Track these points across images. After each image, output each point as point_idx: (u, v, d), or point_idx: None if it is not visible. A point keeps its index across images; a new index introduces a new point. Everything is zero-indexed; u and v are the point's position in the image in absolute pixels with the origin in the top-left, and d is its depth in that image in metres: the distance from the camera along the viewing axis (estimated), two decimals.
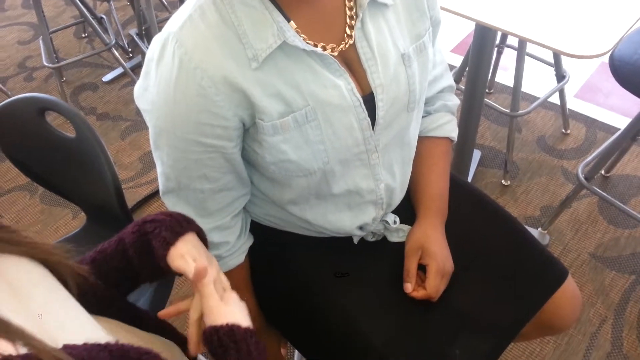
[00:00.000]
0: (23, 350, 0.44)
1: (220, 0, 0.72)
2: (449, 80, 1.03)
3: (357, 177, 0.87)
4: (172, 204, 0.85)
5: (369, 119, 0.82)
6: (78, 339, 0.50)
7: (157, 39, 0.75)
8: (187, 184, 0.81)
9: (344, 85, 0.78)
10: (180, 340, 0.76)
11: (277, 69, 0.74)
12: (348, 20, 0.79)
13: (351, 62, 0.80)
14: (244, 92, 0.73)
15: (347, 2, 0.78)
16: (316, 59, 0.76)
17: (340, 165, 0.84)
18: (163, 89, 0.73)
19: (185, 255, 0.70)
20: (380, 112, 0.83)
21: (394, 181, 0.93)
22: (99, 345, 0.50)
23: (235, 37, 0.72)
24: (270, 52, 0.72)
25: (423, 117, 1.02)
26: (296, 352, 1.53)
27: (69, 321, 0.54)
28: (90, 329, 0.56)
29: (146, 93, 0.77)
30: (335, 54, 0.79)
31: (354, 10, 0.79)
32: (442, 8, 1.27)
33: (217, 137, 0.76)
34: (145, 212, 1.98)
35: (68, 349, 0.47)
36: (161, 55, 0.73)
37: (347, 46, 0.79)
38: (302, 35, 0.75)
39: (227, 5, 0.72)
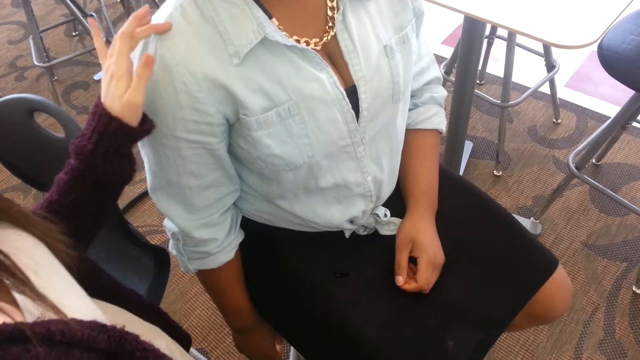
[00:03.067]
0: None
1: None
2: (435, 72, 1.04)
3: (344, 170, 0.88)
4: (160, 201, 0.86)
5: (352, 111, 0.82)
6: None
7: None
8: (173, 180, 0.82)
9: (326, 79, 0.78)
10: (169, 326, 0.76)
11: (259, 65, 0.74)
12: (329, 13, 0.79)
13: (333, 55, 0.81)
14: (227, 88, 0.73)
15: None
16: (298, 53, 0.76)
17: (326, 159, 0.84)
18: (147, 87, 0.74)
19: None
20: (363, 105, 0.83)
21: (382, 173, 0.93)
22: (102, 326, 0.51)
23: (216, 34, 0.72)
24: (252, 48, 0.73)
25: (410, 109, 1.03)
26: (292, 348, 1.54)
27: (69, 302, 0.54)
28: (93, 312, 0.56)
29: None
30: (318, 48, 0.79)
31: (335, 3, 0.79)
32: (431, 1, 1.27)
33: (202, 133, 0.76)
34: (139, 210, 1.99)
35: (75, 322, 0.48)
36: (143, 53, 0.74)
37: (328, 39, 0.80)
38: (283, 30, 0.76)
39: (207, 2, 0.72)
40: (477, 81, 2.31)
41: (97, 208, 0.78)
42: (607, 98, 2.23)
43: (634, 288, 1.65)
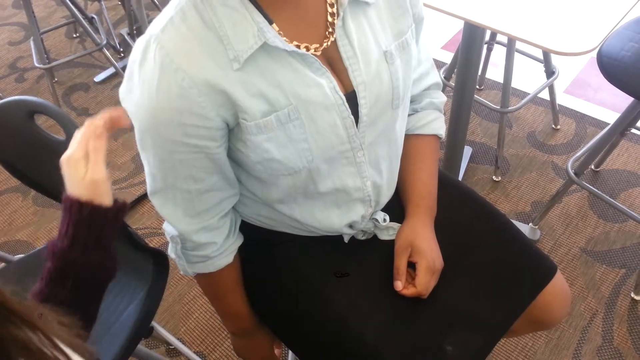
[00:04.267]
0: None
1: (201, 2, 0.72)
2: (435, 77, 1.04)
3: (343, 175, 0.88)
4: (160, 205, 0.86)
5: (352, 117, 0.82)
6: None
7: (140, 41, 0.75)
8: (173, 184, 0.82)
9: (326, 84, 0.79)
10: None
11: (259, 69, 0.75)
12: (329, 18, 0.80)
13: (333, 61, 0.81)
14: (226, 93, 0.74)
15: (328, 0, 0.79)
16: (298, 59, 0.77)
17: (325, 164, 0.84)
18: (146, 91, 0.74)
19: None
20: (363, 110, 0.83)
21: (381, 178, 0.94)
22: None
23: (216, 39, 0.73)
24: (252, 53, 0.73)
25: (410, 115, 1.03)
26: (290, 352, 1.54)
27: None
28: None
29: (130, 95, 0.77)
30: (318, 53, 0.79)
31: (335, 9, 0.79)
32: (431, 6, 1.27)
33: (201, 137, 0.76)
34: (138, 212, 1.99)
35: None
36: (143, 58, 0.74)
37: (328, 44, 0.80)
38: (283, 35, 0.76)
39: (207, 7, 0.72)
40: (477, 87, 2.32)
41: (82, 313, 0.69)
42: (606, 104, 2.23)
43: (633, 294, 1.65)
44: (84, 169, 0.70)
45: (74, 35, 2.83)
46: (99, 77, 2.58)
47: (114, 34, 2.72)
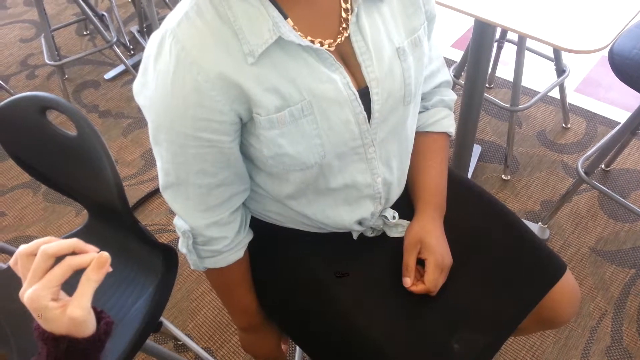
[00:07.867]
0: None
1: None
2: (445, 75, 1.04)
3: (354, 171, 0.88)
4: (172, 199, 0.86)
5: (364, 112, 0.82)
6: None
7: (155, 36, 0.76)
8: (185, 178, 0.82)
9: (340, 80, 0.79)
10: None
11: (274, 64, 0.75)
12: (343, 14, 0.80)
13: (346, 57, 0.81)
14: (241, 87, 0.74)
15: None
16: (312, 54, 0.77)
17: (337, 160, 0.84)
18: (161, 85, 0.74)
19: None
20: (375, 106, 0.83)
21: (391, 175, 0.94)
22: None
23: (231, 33, 0.73)
24: (267, 48, 0.73)
25: (420, 112, 1.03)
26: (297, 348, 1.54)
27: None
28: None
29: (144, 89, 0.78)
30: (332, 49, 0.80)
31: (349, 5, 0.80)
32: (442, 4, 1.27)
33: (214, 131, 0.77)
34: (147, 208, 2.00)
35: None
36: (159, 52, 0.74)
37: (342, 40, 0.80)
38: (297, 30, 0.76)
39: (223, 1, 0.73)
40: (487, 85, 2.31)
41: None
42: (616, 103, 2.22)
43: None
44: (57, 311, 0.59)
45: (85, 33, 2.85)
46: (109, 75, 2.59)
47: (124, 31, 2.74)
